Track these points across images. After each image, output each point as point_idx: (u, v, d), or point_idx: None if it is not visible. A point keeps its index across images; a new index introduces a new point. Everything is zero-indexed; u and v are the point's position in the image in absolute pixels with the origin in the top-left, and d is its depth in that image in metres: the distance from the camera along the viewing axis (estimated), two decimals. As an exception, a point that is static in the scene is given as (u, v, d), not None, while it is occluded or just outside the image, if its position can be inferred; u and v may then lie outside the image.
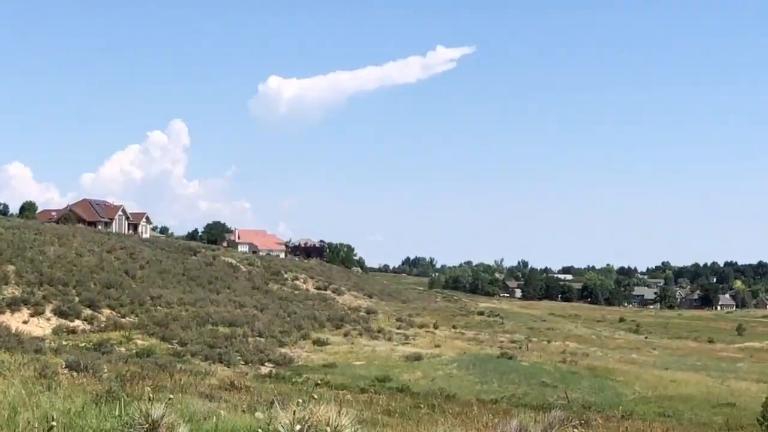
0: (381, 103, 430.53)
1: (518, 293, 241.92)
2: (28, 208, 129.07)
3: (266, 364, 55.43)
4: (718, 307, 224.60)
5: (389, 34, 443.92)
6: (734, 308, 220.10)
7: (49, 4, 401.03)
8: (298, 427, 7.53)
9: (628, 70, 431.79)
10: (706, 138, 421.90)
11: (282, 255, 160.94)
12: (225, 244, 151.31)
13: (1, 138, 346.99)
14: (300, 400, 7.75)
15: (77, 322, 59.45)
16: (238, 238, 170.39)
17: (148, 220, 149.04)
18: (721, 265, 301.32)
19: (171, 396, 8.89)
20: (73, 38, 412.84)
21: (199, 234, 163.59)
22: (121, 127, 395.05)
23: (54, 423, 7.98)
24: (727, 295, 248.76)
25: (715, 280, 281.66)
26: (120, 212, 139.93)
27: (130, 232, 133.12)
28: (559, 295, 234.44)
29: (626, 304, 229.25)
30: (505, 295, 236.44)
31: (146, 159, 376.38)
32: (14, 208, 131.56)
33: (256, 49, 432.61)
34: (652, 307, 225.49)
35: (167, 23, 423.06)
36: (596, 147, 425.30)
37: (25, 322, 55.67)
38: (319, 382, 40.65)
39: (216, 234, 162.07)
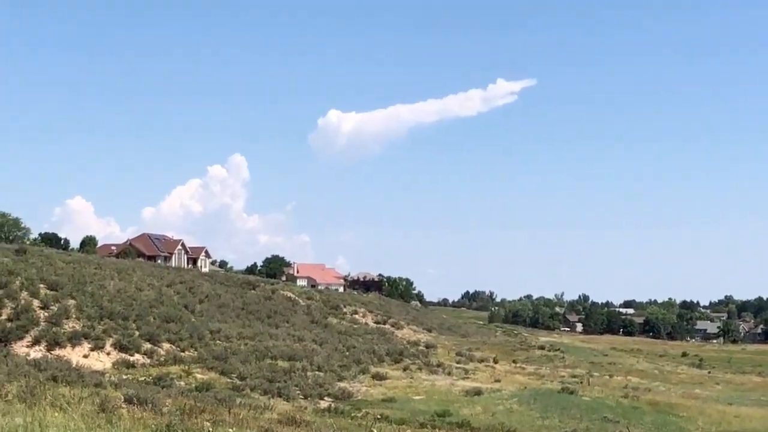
0: (441, 137, 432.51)
1: (579, 327, 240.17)
2: (88, 243, 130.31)
3: (325, 398, 55.08)
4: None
5: (449, 68, 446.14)
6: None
7: (105, 36, 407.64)
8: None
9: (686, 106, 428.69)
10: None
11: (341, 289, 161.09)
12: (284, 278, 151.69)
13: (64, 174, 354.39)
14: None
15: (137, 356, 59.67)
16: (297, 272, 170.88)
17: (207, 254, 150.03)
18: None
19: (231, 430, 8.68)
20: (135, 74, 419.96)
21: (258, 268, 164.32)
22: (182, 161, 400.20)
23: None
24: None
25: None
26: (179, 246, 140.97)
27: (190, 266, 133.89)
28: (621, 330, 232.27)
29: (689, 339, 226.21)
30: (566, 329, 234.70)
31: (206, 193, 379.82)
32: (75, 243, 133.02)
33: (315, 84, 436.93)
34: (715, 341, 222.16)
35: (227, 59, 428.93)
36: (657, 180, 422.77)
37: (85, 356, 56.01)
38: (378, 416, 40.27)
39: (275, 268, 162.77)
